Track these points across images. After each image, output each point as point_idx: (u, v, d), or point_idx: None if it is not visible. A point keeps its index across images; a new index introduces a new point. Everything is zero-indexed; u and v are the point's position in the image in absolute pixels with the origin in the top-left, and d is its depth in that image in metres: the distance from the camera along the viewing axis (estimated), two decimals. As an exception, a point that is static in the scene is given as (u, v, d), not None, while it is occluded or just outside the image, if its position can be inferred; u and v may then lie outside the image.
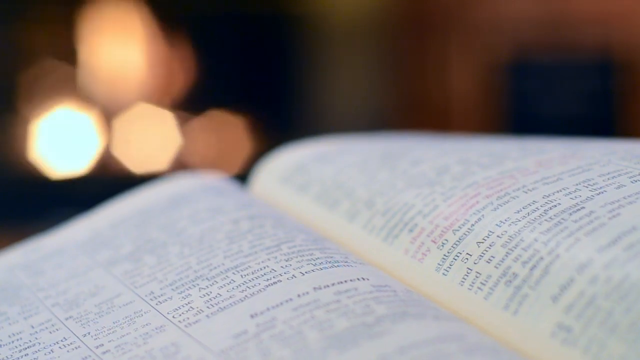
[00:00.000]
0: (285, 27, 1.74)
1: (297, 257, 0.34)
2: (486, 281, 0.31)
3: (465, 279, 0.32)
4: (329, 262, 0.34)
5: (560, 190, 0.34)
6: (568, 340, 0.28)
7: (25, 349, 0.33)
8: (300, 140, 0.48)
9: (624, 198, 0.32)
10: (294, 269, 0.33)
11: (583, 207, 0.32)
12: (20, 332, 0.34)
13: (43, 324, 0.35)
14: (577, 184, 0.34)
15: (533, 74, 1.68)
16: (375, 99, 1.74)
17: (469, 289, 0.32)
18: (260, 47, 1.74)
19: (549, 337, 0.29)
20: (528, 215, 0.33)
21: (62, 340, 0.33)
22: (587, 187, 0.34)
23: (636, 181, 0.33)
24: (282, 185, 0.43)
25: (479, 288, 0.31)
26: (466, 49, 1.71)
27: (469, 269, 0.32)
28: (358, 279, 0.32)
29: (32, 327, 0.35)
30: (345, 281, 0.32)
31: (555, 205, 0.33)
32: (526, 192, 0.34)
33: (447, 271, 0.33)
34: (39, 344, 0.33)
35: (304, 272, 0.33)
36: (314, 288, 0.32)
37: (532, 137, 0.43)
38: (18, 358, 0.33)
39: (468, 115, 1.71)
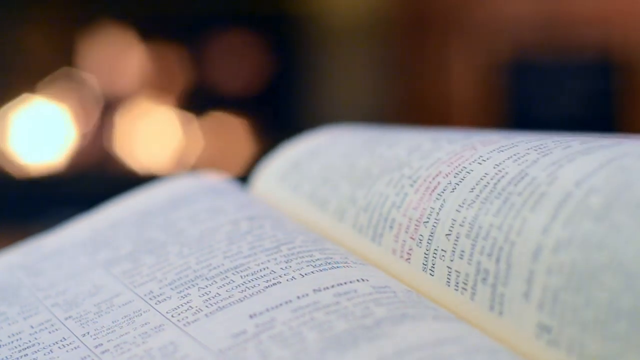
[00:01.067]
0: (285, 27, 1.74)
1: (296, 259, 0.34)
2: (467, 280, 0.31)
3: (449, 279, 0.32)
4: (329, 263, 0.34)
5: (511, 157, 0.33)
6: (551, 341, 0.28)
7: (25, 349, 0.33)
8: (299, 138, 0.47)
9: (566, 157, 0.31)
10: (293, 271, 0.33)
11: (527, 174, 0.31)
12: (19, 332, 0.34)
13: (42, 324, 0.35)
14: (528, 149, 0.33)
15: (533, 74, 1.68)
16: (375, 99, 1.74)
17: (455, 289, 0.32)
18: (261, 47, 1.74)
19: (534, 338, 0.28)
20: (480, 193, 0.32)
21: (61, 340, 0.33)
22: (536, 150, 0.33)
23: (584, 143, 0.32)
24: (280, 185, 0.43)
25: (463, 288, 0.31)
26: (466, 49, 1.71)
27: (449, 267, 0.32)
28: (358, 280, 0.32)
29: (32, 327, 0.35)
30: (345, 283, 0.32)
31: (503, 176, 0.32)
32: (480, 164, 0.34)
33: (433, 271, 0.33)
34: (39, 344, 0.33)
35: (303, 274, 0.33)
36: (314, 290, 0.32)
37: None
38: (18, 358, 0.33)
39: (468, 116, 1.71)
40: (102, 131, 1.68)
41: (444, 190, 0.34)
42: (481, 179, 0.33)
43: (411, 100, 1.76)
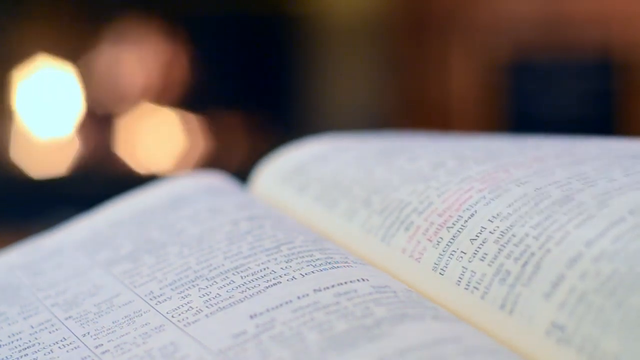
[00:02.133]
0: (285, 27, 1.74)
1: (297, 259, 0.34)
2: (481, 280, 0.31)
3: (461, 279, 0.32)
4: (329, 262, 0.34)
5: (552, 183, 0.34)
6: (563, 339, 0.28)
7: (25, 349, 0.33)
8: (301, 140, 0.48)
9: (615, 190, 0.32)
10: (294, 271, 0.33)
11: (573, 199, 0.32)
12: (19, 332, 0.34)
13: (42, 324, 0.35)
14: (569, 177, 0.34)
15: (533, 74, 1.68)
16: (375, 99, 1.74)
17: (465, 288, 0.32)
18: (261, 47, 1.74)
19: (544, 336, 0.29)
20: (520, 208, 0.33)
21: (61, 340, 0.33)
22: (579, 179, 0.34)
23: (628, 175, 0.33)
24: (282, 186, 0.43)
25: (475, 287, 0.32)
26: (466, 49, 1.71)
27: (464, 267, 0.32)
28: (358, 280, 0.32)
29: (32, 327, 0.35)
30: (345, 282, 0.32)
31: (546, 198, 0.33)
32: (518, 186, 0.34)
33: (444, 270, 0.33)
34: (39, 344, 0.33)
35: (304, 274, 0.33)
36: (314, 290, 0.32)
37: (531, 136, 0.43)
38: (18, 358, 0.33)
39: (468, 115, 1.71)
40: (103, 131, 1.68)
41: (477, 203, 0.34)
42: (520, 197, 0.34)
43: (411, 100, 1.76)
